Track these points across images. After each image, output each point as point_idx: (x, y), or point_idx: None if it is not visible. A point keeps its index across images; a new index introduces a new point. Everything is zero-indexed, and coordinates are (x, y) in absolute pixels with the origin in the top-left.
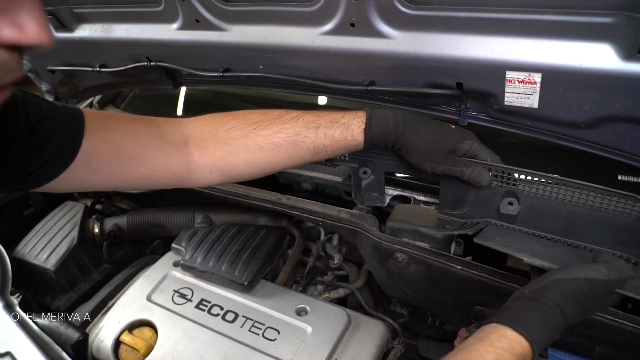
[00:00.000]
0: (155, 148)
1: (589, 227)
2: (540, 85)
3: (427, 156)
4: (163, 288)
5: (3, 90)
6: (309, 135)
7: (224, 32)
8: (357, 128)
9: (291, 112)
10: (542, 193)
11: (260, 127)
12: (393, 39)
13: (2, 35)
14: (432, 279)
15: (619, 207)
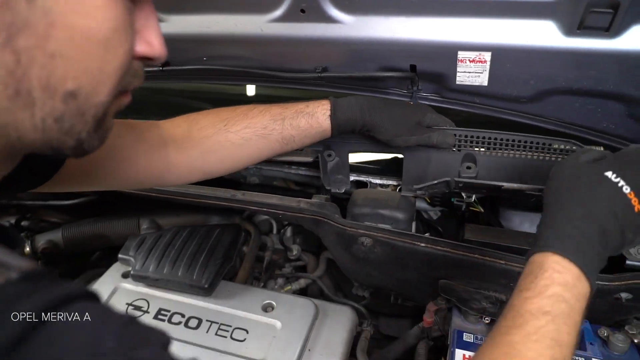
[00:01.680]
0: (137, 150)
1: (540, 175)
2: (490, 63)
3: (397, 132)
4: (114, 303)
5: (128, 93)
6: (276, 128)
7: (161, 23)
8: (322, 115)
9: (258, 107)
10: (496, 153)
11: (230, 123)
12: (345, 23)
13: (139, 50)
14: (398, 259)
15: (560, 154)
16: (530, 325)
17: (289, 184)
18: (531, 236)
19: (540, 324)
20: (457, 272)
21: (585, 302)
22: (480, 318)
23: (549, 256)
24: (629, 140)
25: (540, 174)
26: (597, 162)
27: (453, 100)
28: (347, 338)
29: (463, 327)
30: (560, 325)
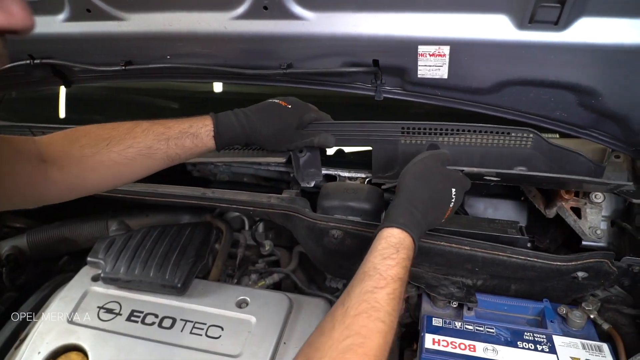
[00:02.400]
0: (16, 164)
1: (499, 160)
2: (449, 57)
3: (279, 141)
4: (85, 307)
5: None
6: (161, 147)
7: (122, 22)
8: (206, 137)
9: (141, 125)
10: (458, 141)
11: (113, 143)
12: (308, 20)
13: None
14: (367, 250)
15: (517, 141)
16: (390, 287)
17: (259, 180)
18: (494, 222)
19: (396, 286)
20: (425, 260)
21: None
22: (448, 303)
23: (401, 232)
24: (581, 127)
25: (501, 158)
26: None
27: (416, 93)
28: None
29: (432, 313)
30: (404, 287)
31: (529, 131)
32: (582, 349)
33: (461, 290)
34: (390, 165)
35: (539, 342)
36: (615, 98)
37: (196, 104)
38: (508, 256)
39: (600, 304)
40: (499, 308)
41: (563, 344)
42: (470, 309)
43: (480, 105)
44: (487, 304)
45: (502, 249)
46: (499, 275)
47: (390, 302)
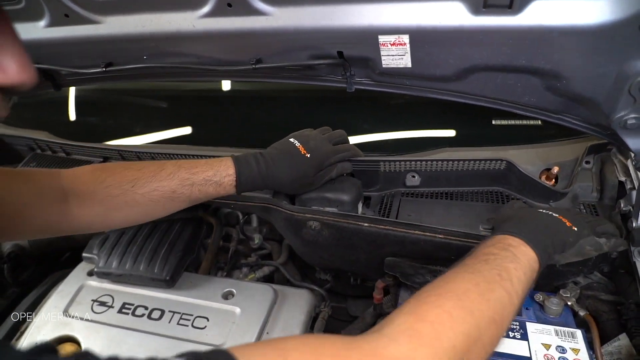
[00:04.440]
0: (36, 206)
1: (474, 180)
2: (410, 45)
3: (297, 188)
4: (80, 300)
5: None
6: (185, 192)
7: (98, 25)
8: (228, 185)
9: (167, 168)
10: (435, 168)
11: (138, 185)
12: (270, 15)
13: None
14: (344, 240)
15: (492, 165)
16: (516, 286)
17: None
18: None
19: (520, 287)
20: (401, 249)
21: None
22: None
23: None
24: (552, 111)
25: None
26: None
27: (385, 83)
28: (305, 320)
29: None
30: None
31: (502, 160)
32: (555, 336)
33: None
34: (372, 183)
35: (512, 328)
36: (579, 80)
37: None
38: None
39: (579, 291)
40: None
41: (536, 331)
42: None
43: (448, 92)
44: None
45: (475, 236)
46: None
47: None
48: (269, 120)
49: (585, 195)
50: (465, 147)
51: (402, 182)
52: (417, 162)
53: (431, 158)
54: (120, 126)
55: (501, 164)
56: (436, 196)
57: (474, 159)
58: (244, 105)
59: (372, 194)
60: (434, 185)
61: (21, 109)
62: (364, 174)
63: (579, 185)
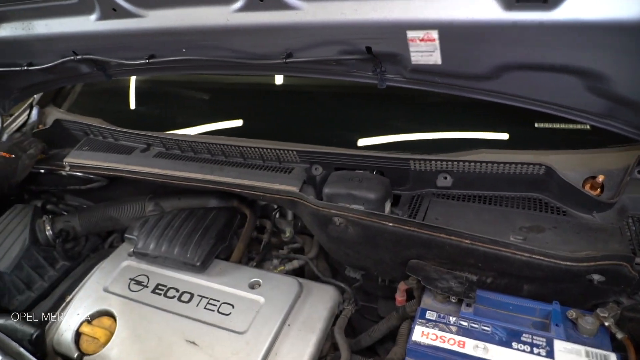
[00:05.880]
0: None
1: (510, 184)
2: (439, 41)
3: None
4: (119, 278)
5: None
6: None
7: (142, 19)
8: None
9: None
10: (468, 170)
11: None
12: (300, 9)
13: None
14: (369, 239)
15: (530, 170)
16: None
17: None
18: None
19: None
20: (425, 251)
21: None
22: (448, 298)
23: None
24: (595, 114)
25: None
26: None
27: (416, 81)
28: (327, 316)
29: (431, 306)
30: None
31: (541, 165)
32: (585, 357)
33: (462, 285)
34: (402, 182)
35: (537, 345)
36: (623, 81)
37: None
38: (512, 252)
39: (620, 311)
40: (503, 307)
41: (563, 350)
42: (469, 305)
43: (482, 91)
44: (490, 302)
45: (504, 244)
46: (507, 274)
47: None
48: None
49: (635, 208)
50: (503, 150)
51: (433, 183)
52: (450, 163)
53: (465, 159)
54: (169, 116)
55: (540, 169)
56: (468, 199)
57: (511, 162)
58: (285, 100)
59: (402, 193)
60: (467, 188)
61: (80, 98)
62: (393, 172)
63: (628, 197)
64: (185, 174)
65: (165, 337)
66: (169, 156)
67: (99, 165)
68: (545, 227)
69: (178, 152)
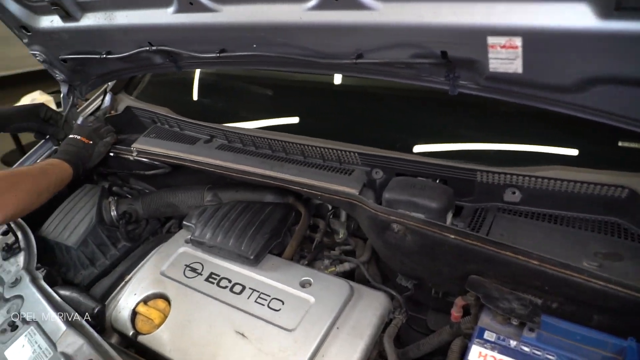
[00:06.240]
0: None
1: (586, 206)
2: (522, 49)
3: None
4: (175, 263)
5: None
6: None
7: (217, 13)
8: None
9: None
10: (540, 186)
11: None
12: (375, 10)
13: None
14: (428, 249)
15: (610, 192)
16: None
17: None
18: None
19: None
20: (488, 268)
21: None
22: (508, 319)
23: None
24: None
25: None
26: None
27: (492, 89)
28: (377, 323)
29: (490, 326)
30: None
31: (623, 187)
32: None
33: (525, 308)
34: (466, 193)
35: None
36: None
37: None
38: (585, 279)
39: None
40: (570, 336)
41: None
42: (532, 329)
43: (564, 105)
44: (556, 329)
45: (576, 269)
46: (576, 301)
47: None
48: (369, 117)
49: None
50: (580, 168)
51: (500, 197)
52: (521, 178)
53: (537, 174)
54: (230, 109)
55: (622, 191)
56: (537, 217)
57: (590, 181)
58: (349, 100)
59: (465, 204)
60: (537, 205)
61: (148, 87)
62: (458, 183)
63: None
64: (246, 167)
65: (215, 325)
66: (231, 149)
67: (164, 152)
68: (623, 256)
69: (239, 145)
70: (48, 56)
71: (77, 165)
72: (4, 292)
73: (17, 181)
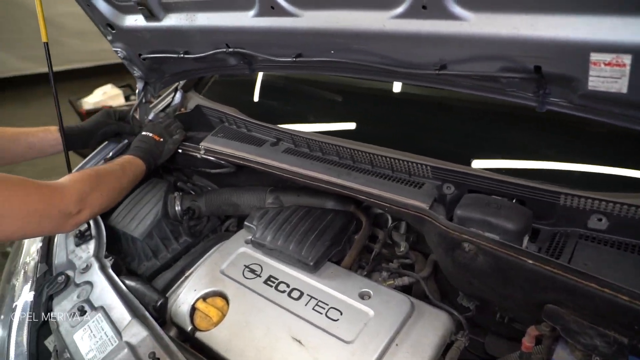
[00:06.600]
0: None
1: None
2: (630, 67)
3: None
4: (235, 262)
5: None
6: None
7: (297, 18)
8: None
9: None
10: (632, 215)
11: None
12: (466, 20)
13: None
14: (501, 272)
15: None
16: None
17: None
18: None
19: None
20: (567, 298)
21: None
22: (589, 356)
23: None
24: None
25: None
26: None
27: (586, 108)
28: (438, 343)
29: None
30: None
31: None
32: None
33: (610, 346)
34: (545, 216)
35: None
36: None
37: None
38: None
39: None
40: None
41: None
42: None
43: None
44: None
45: None
46: None
47: None
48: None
49: None
50: None
51: (583, 223)
52: (610, 204)
53: (629, 202)
54: (297, 112)
55: None
56: (625, 248)
57: None
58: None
59: (542, 228)
60: (626, 235)
61: (219, 86)
62: (537, 204)
63: None
64: (313, 173)
65: (272, 329)
66: (297, 153)
67: (231, 153)
68: None
69: (306, 150)
70: (128, 53)
71: (149, 162)
72: (74, 277)
73: (101, 180)
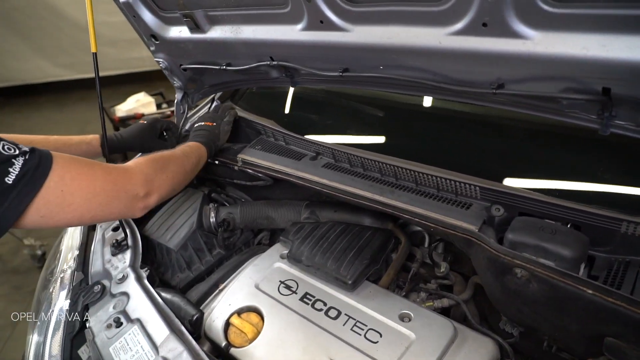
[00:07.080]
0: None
1: None
2: None
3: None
4: (270, 278)
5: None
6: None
7: (346, 33)
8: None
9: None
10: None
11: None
12: (530, 39)
13: None
14: (556, 302)
15: None
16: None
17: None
18: None
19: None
20: (629, 332)
21: None
22: None
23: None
24: None
25: None
26: None
27: None
28: None
29: None
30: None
31: None
32: None
33: None
34: (601, 242)
35: None
36: None
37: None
38: None
39: None
40: None
41: None
42: None
43: None
44: None
45: None
46: None
47: None
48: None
49: None
50: None
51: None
52: None
53: None
54: (337, 126)
55: None
56: None
57: None
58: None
59: (598, 255)
60: None
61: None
62: (595, 230)
63: None
64: (355, 189)
65: (309, 349)
66: (337, 168)
67: (269, 166)
68: None
69: (347, 165)
70: (170, 64)
71: (210, 146)
72: (110, 287)
73: (166, 164)
